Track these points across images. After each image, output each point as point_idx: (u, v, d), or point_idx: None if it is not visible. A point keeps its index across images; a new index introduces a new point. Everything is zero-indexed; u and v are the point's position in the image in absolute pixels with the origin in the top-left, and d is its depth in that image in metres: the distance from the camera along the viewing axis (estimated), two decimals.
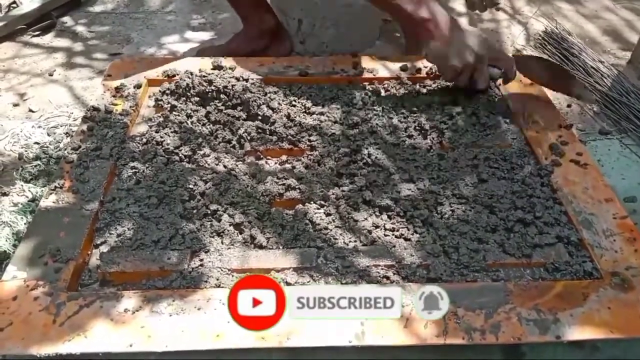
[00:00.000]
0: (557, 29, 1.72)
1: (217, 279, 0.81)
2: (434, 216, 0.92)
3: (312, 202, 0.94)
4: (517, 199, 0.94)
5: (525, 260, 0.85)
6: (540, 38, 1.72)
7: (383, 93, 1.22)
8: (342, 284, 0.80)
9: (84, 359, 0.70)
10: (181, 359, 0.76)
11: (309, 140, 1.08)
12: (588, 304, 0.77)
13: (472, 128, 1.12)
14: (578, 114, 1.39)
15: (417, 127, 1.12)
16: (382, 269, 0.83)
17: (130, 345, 0.70)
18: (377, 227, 0.90)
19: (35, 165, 1.19)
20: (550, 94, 1.21)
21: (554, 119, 1.14)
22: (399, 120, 1.14)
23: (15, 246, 0.98)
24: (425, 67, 1.29)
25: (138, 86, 1.21)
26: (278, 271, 0.83)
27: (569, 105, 1.42)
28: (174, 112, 1.12)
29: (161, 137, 1.05)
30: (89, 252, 0.87)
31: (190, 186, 0.95)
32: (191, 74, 1.19)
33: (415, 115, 1.15)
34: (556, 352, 0.80)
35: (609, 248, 0.86)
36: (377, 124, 1.12)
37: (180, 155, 1.03)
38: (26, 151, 1.24)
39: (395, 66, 1.30)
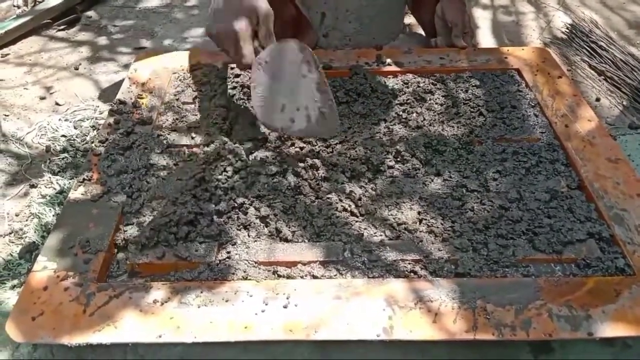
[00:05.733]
0: (584, 21, 1.69)
1: (245, 271, 0.81)
2: (462, 211, 0.91)
3: (337, 196, 0.93)
4: (547, 194, 0.92)
5: (555, 256, 0.84)
6: (567, 31, 1.69)
7: (408, 86, 1.21)
8: (369, 277, 0.80)
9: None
10: (209, 351, 0.77)
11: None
12: (620, 301, 0.75)
13: (500, 122, 1.10)
14: (607, 108, 1.37)
15: (443, 121, 1.11)
16: (409, 263, 0.82)
17: (160, 336, 0.71)
18: (403, 221, 0.89)
19: (63, 158, 1.20)
20: (579, 88, 1.18)
21: (582, 113, 1.12)
22: (424, 113, 1.13)
23: (43, 237, 0.99)
24: (451, 61, 1.27)
25: (163, 80, 1.22)
26: (305, 264, 0.83)
27: (597, 99, 1.39)
28: (199, 106, 1.12)
29: (187, 131, 1.05)
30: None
31: (217, 179, 0.95)
32: (216, 68, 1.19)
33: (441, 108, 1.14)
34: (586, 349, 0.79)
35: None
36: (402, 117, 1.11)
37: (206, 149, 1.03)
38: (53, 144, 1.26)
39: (420, 59, 1.29)
